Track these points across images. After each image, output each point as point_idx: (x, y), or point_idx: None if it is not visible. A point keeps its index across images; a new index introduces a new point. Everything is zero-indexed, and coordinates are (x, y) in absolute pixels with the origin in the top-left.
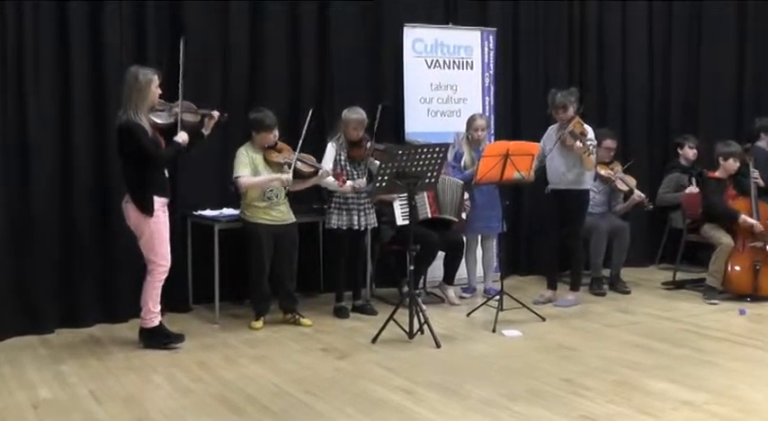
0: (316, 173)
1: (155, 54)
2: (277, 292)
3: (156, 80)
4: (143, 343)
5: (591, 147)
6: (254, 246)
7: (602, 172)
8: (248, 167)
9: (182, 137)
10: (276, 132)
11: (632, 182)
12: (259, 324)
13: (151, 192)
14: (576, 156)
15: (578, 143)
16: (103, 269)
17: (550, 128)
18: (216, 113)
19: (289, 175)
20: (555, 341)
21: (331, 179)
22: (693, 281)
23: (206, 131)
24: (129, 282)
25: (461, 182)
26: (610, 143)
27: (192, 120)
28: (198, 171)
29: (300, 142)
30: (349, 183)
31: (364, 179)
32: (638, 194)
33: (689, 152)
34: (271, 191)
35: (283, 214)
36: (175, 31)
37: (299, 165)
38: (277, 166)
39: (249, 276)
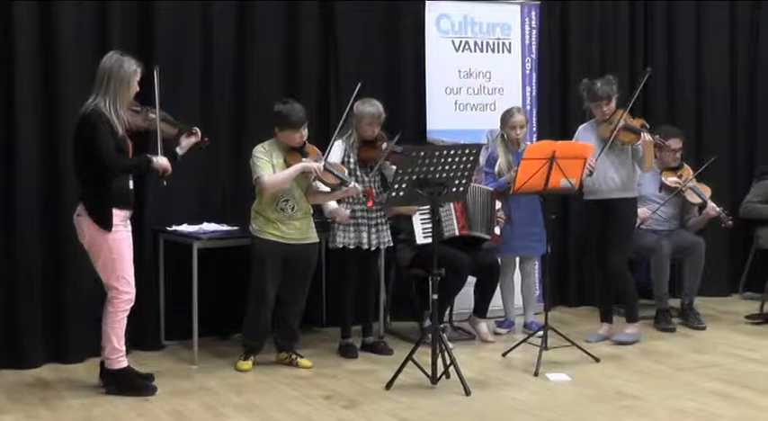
0: (340, 186)
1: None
2: (275, 327)
3: (139, 73)
4: (105, 388)
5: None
6: (256, 265)
7: (669, 180)
8: (270, 166)
9: (160, 160)
10: (305, 132)
11: (706, 192)
12: (247, 365)
13: (110, 203)
14: (625, 157)
15: (647, 136)
16: (52, 297)
17: (582, 128)
18: (198, 132)
19: (319, 164)
20: (612, 387)
21: (333, 205)
22: None
23: (180, 151)
24: (84, 313)
25: (491, 189)
26: (675, 143)
27: (168, 130)
28: (173, 177)
29: (325, 156)
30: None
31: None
32: (712, 207)
33: None
34: (285, 201)
35: (300, 232)
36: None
37: (326, 175)
38: (300, 174)
39: (247, 303)
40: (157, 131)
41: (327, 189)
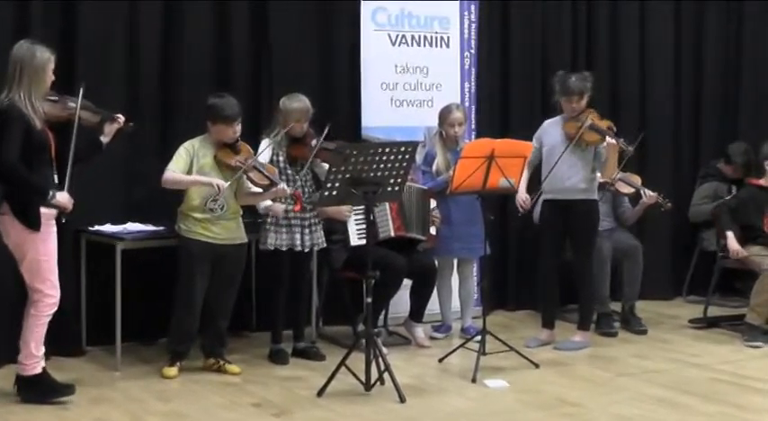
0: (270, 186)
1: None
2: (202, 330)
3: (53, 61)
4: (21, 396)
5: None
6: (185, 267)
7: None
8: (184, 164)
9: (61, 196)
10: (238, 127)
11: (636, 180)
12: (173, 371)
13: (37, 202)
14: (587, 158)
15: (610, 139)
16: None
17: (548, 122)
18: (121, 118)
19: (224, 183)
20: (552, 394)
21: (268, 203)
22: (730, 318)
23: (105, 139)
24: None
25: (425, 187)
26: None
27: (89, 119)
28: (95, 174)
29: (257, 156)
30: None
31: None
32: (648, 194)
33: (728, 170)
34: (214, 201)
35: (230, 232)
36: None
37: (253, 174)
38: (229, 170)
39: (173, 307)
40: (75, 122)
41: (257, 189)
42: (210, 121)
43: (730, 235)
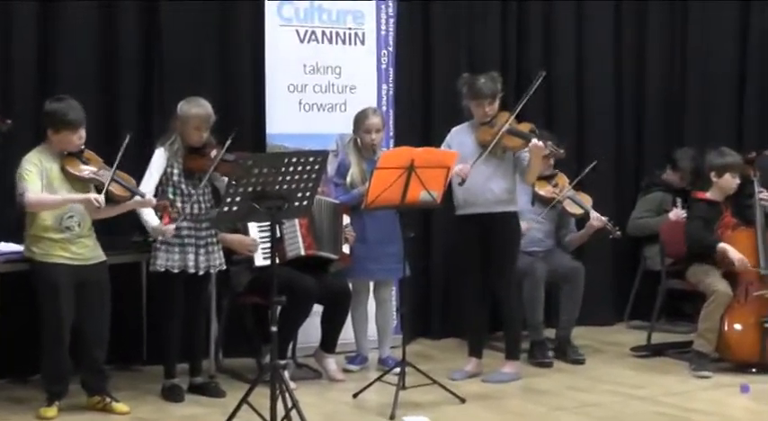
0: (131, 197)
1: None
2: (79, 365)
3: None
4: None
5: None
6: (47, 296)
7: (542, 191)
8: (40, 181)
9: None
10: (83, 133)
11: (587, 201)
12: (52, 411)
13: None
14: (507, 166)
15: (537, 142)
16: None
17: (455, 130)
18: None
19: (100, 196)
20: None
21: (151, 214)
22: (676, 345)
23: None
24: None
25: (337, 201)
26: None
27: None
28: None
29: (115, 166)
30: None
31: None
32: (597, 217)
33: (674, 177)
34: (71, 217)
35: (90, 250)
36: None
37: (113, 186)
38: (80, 183)
39: (40, 341)
40: None
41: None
42: (52, 129)
43: (728, 247)
